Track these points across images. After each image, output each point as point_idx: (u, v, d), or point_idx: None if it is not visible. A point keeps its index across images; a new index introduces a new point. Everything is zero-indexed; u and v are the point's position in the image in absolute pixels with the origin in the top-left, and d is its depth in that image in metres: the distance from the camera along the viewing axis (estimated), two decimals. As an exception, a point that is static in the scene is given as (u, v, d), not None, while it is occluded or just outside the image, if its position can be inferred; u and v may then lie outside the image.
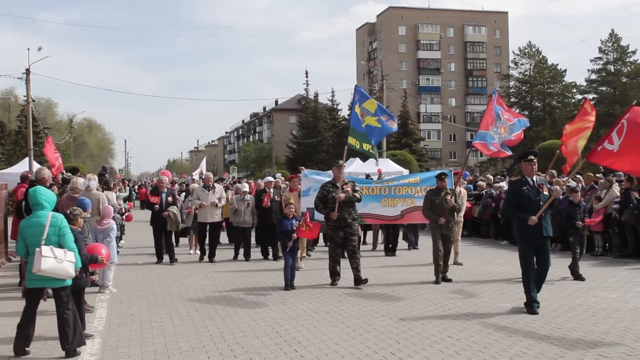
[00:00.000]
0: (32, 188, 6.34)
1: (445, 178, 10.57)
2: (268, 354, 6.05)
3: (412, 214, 12.21)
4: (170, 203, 12.84)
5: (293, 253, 9.73)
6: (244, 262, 12.84)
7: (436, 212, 10.29)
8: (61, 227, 6.03)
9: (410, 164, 35.52)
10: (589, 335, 6.60)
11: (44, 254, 5.77)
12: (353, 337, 6.62)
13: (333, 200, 9.71)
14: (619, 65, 60.71)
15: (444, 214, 10.21)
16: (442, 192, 10.43)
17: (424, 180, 12.32)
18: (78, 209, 6.99)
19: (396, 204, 12.21)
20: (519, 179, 8.14)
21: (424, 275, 10.81)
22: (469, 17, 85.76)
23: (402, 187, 12.32)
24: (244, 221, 13.29)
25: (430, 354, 5.98)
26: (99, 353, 6.16)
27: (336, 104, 70.31)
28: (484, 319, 7.39)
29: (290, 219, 9.77)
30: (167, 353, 6.14)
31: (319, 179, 12.08)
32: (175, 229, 12.94)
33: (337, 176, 9.92)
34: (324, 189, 9.96)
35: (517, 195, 7.92)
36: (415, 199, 12.13)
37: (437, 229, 10.28)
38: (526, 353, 5.94)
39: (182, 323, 7.38)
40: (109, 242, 9.23)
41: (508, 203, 8.17)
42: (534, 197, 7.80)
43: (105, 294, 9.20)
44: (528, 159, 7.98)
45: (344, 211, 9.72)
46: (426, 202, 10.54)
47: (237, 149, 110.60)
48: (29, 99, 32.92)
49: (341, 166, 9.94)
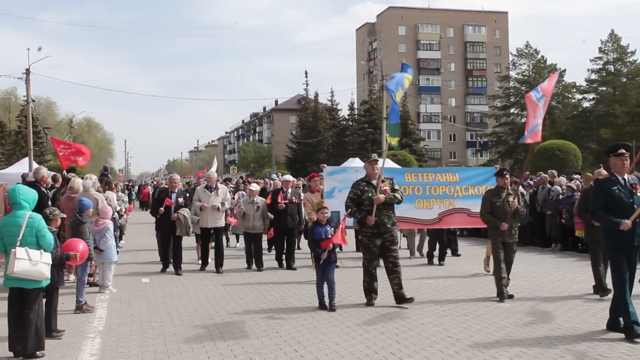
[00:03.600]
0: (12, 187, 6.24)
1: (507, 175, 9.00)
2: (268, 354, 6.04)
3: (451, 217, 10.98)
4: (181, 205, 11.39)
5: (328, 266, 8.12)
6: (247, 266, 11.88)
7: (497, 216, 8.75)
8: (39, 229, 5.95)
9: (410, 164, 35.49)
10: (589, 335, 6.60)
11: (18, 256, 5.74)
12: (353, 337, 6.61)
13: (369, 201, 8.23)
14: (619, 65, 60.67)
15: (506, 218, 8.72)
16: (504, 192, 8.87)
17: (464, 179, 11.10)
18: (56, 209, 6.97)
19: (432, 206, 10.90)
20: (607, 177, 6.94)
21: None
22: (469, 17, 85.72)
23: (438, 187, 10.99)
24: (254, 227, 11.77)
25: (430, 354, 5.98)
26: (99, 353, 6.16)
27: (336, 104, 70.43)
28: (484, 319, 7.39)
29: (325, 226, 8.25)
30: (167, 353, 6.13)
31: (344, 177, 10.93)
32: (185, 234, 11.42)
33: (371, 173, 8.45)
34: (357, 188, 8.41)
35: (605, 196, 6.67)
36: (454, 200, 10.90)
37: (498, 236, 8.74)
38: (526, 353, 5.94)
39: (182, 323, 7.37)
40: (106, 242, 9.24)
41: (595, 205, 6.78)
42: (626, 199, 6.57)
43: (105, 294, 9.20)
44: (618, 153, 6.73)
45: (382, 215, 8.22)
46: (485, 205, 8.92)
47: (237, 149, 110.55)
48: (29, 99, 32.88)
49: (374, 161, 8.49)
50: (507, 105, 65.81)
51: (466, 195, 11.00)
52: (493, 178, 9.55)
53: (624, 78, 59.62)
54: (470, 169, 13.33)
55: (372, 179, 8.43)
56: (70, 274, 10.03)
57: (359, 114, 65.75)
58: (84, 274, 8.37)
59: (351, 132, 64.00)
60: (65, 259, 6.65)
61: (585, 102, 62.57)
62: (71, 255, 6.61)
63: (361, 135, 59.90)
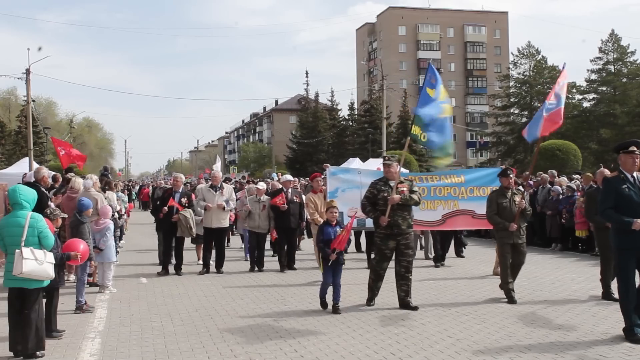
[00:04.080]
0: (12, 187, 6.24)
1: (511, 175, 8.83)
2: (268, 354, 6.04)
3: (455, 219, 10.76)
4: (184, 205, 11.14)
5: (336, 268, 7.89)
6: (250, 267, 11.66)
7: (504, 216, 8.55)
8: (41, 229, 5.96)
9: (410, 164, 35.46)
10: (589, 335, 6.60)
11: (25, 256, 5.74)
12: (353, 337, 6.61)
13: (384, 201, 8.02)
14: (619, 66, 60.66)
15: (514, 218, 8.53)
16: (509, 192, 8.70)
17: (470, 181, 10.81)
18: (57, 209, 6.97)
19: (436, 207, 10.62)
20: (616, 175, 6.67)
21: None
22: (469, 17, 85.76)
23: (443, 188, 10.73)
24: (259, 226, 11.57)
25: (430, 354, 5.98)
26: (99, 353, 6.17)
27: (336, 104, 70.49)
28: (484, 319, 7.39)
29: (335, 226, 8.07)
30: (167, 353, 6.13)
31: (348, 178, 10.77)
32: (187, 236, 11.24)
33: (390, 174, 8.22)
34: (374, 187, 8.20)
35: (615, 195, 6.45)
36: (459, 202, 10.66)
37: (506, 237, 8.52)
38: (526, 353, 5.94)
39: (182, 323, 7.37)
40: (106, 242, 9.24)
41: (605, 205, 6.56)
42: (637, 198, 6.37)
43: (105, 294, 9.20)
44: (628, 150, 6.53)
45: (397, 216, 7.98)
46: (491, 206, 8.70)
47: (237, 149, 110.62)
48: (29, 99, 32.90)
49: (387, 165, 8.26)
50: (507, 105, 65.86)
51: (471, 196, 10.76)
52: (498, 179, 9.39)
53: (624, 78, 59.61)
54: (476, 170, 13.18)
55: (390, 179, 8.20)
56: (71, 274, 10.04)
57: (359, 114, 65.79)
58: (83, 274, 8.37)
59: (351, 132, 64.06)
60: (66, 259, 6.65)
61: (586, 102, 62.58)
62: (72, 255, 6.60)
63: (361, 136, 59.94)
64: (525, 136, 9.22)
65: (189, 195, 11.47)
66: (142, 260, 13.06)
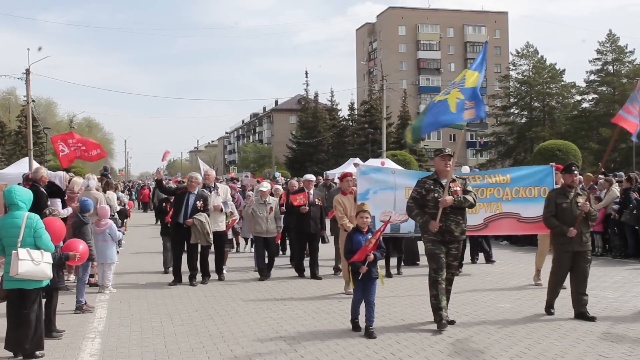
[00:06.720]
0: (7, 188, 6.22)
1: (575, 171, 7.56)
2: (268, 354, 6.05)
3: (498, 223, 9.66)
4: (199, 209, 10.03)
5: (368, 283, 6.76)
6: (254, 271, 10.96)
7: (563, 220, 7.41)
8: (36, 229, 5.94)
9: (410, 164, 35.48)
10: (589, 335, 6.60)
11: (20, 257, 5.73)
12: (353, 337, 6.61)
13: (434, 203, 7.00)
14: (618, 66, 60.66)
15: (575, 222, 7.38)
16: (572, 192, 7.50)
17: (516, 180, 9.66)
18: (56, 209, 6.97)
19: (478, 210, 9.33)
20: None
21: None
22: (469, 17, 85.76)
23: (486, 189, 9.59)
24: (267, 230, 10.57)
25: (430, 354, 5.98)
26: (99, 353, 6.17)
27: (336, 104, 70.49)
28: (484, 319, 7.39)
29: (366, 233, 6.88)
30: (167, 353, 6.14)
31: (380, 178, 9.66)
32: (204, 243, 10.07)
33: (442, 170, 7.15)
34: (421, 186, 7.15)
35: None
36: (502, 204, 9.56)
37: (565, 244, 7.40)
38: (526, 353, 5.94)
39: (182, 323, 7.38)
40: (107, 242, 9.24)
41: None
42: None
43: (105, 294, 9.20)
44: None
45: (449, 220, 6.97)
46: (549, 207, 7.56)
47: (237, 149, 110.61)
48: (29, 99, 32.93)
49: (447, 156, 7.15)
50: (507, 106, 65.84)
51: (516, 197, 9.63)
52: (548, 178, 8.80)
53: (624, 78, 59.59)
54: (523, 168, 12.08)
55: (441, 177, 7.14)
56: (70, 274, 10.04)
57: (359, 114, 65.79)
58: (84, 274, 8.37)
59: (351, 132, 64.04)
60: (65, 259, 6.65)
61: (585, 103, 62.61)
62: (70, 255, 6.61)
63: (361, 136, 59.93)
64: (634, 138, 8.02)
65: (206, 197, 10.21)
66: (142, 261, 13.07)
